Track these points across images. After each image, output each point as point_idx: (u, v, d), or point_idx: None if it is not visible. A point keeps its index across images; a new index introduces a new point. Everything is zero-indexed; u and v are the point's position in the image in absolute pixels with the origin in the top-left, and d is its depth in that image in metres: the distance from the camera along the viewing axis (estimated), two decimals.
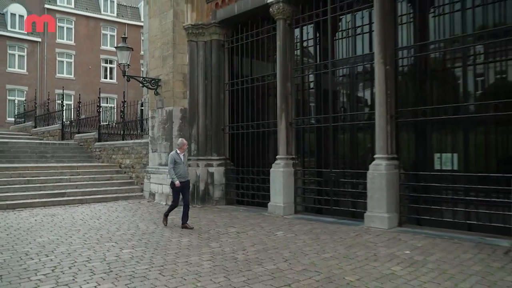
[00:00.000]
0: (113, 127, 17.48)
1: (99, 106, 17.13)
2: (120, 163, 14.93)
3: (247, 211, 10.42)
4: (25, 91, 31.29)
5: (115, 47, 12.40)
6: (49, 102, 21.60)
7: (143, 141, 14.06)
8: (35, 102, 22.97)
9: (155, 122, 12.42)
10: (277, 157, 10.03)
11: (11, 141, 16.43)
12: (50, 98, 22.54)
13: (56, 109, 21.39)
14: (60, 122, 19.80)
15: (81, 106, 18.56)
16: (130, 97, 22.38)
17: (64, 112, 20.26)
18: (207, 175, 11.71)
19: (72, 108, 22.59)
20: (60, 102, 20.47)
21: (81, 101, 18.71)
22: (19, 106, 28.98)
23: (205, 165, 11.75)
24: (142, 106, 16.67)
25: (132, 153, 14.41)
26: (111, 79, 35.05)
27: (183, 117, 11.88)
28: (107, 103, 31.28)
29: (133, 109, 16.17)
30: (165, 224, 8.53)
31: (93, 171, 14.20)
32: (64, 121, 19.67)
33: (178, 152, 8.48)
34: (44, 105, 22.08)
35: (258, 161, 10.97)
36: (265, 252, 6.33)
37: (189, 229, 8.09)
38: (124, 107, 15.75)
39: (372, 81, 8.63)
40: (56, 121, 20.59)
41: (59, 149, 16.60)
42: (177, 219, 9.37)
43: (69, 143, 17.66)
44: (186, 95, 11.94)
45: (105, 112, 19.43)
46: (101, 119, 17.30)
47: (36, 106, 22.79)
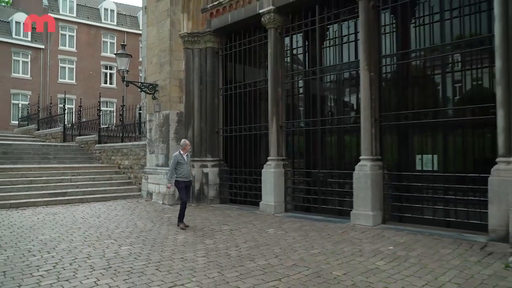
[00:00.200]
0: (113, 129, 17.37)
1: (99, 109, 17.01)
2: (119, 164, 14.82)
3: (240, 210, 10.39)
4: (28, 96, 31.00)
5: (115, 54, 12.33)
6: (52, 106, 21.42)
7: (141, 143, 13.98)
8: (38, 106, 22.81)
9: (152, 125, 12.35)
10: (268, 158, 10.02)
11: (15, 143, 16.24)
12: (52, 102, 22.37)
13: (58, 112, 21.23)
14: (62, 125, 19.63)
15: (82, 109, 18.43)
16: (129, 101, 22.22)
17: (65, 115, 20.12)
18: (202, 175, 11.68)
19: (73, 111, 22.40)
20: (62, 106, 20.32)
21: (82, 105, 18.60)
22: (22, 109, 28.71)
23: (200, 165, 11.71)
24: (140, 110, 16.58)
25: (130, 154, 14.32)
26: (111, 84, 34.86)
27: (179, 120, 11.84)
28: (107, 107, 31.13)
29: (132, 113, 16.09)
30: (184, 226, 7.92)
31: (93, 171, 14.08)
32: (65, 124, 19.50)
33: (181, 152, 8.35)
34: (46, 108, 21.90)
35: (250, 162, 10.95)
36: (257, 248, 6.31)
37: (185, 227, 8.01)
38: (123, 111, 15.64)
39: (357, 87, 8.66)
40: (58, 124, 20.42)
41: (60, 150, 16.43)
42: (173, 217, 9.33)
43: (71, 145, 17.50)
44: (182, 99, 11.90)
45: (105, 115, 19.33)
46: (101, 122, 17.20)
47: (39, 109, 22.60)
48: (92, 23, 34.02)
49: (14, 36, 30.90)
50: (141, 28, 25.76)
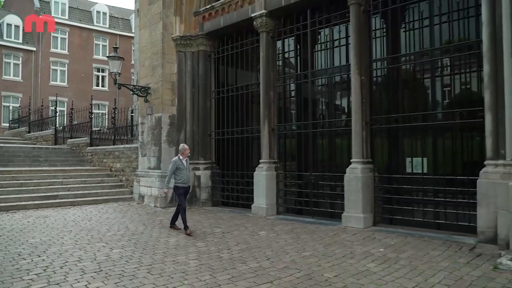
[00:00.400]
0: (105, 132, 17.26)
1: (91, 112, 16.89)
2: (111, 167, 14.71)
3: (232, 212, 10.37)
4: (19, 98, 30.71)
5: (107, 57, 12.27)
6: (43, 108, 21.21)
7: (133, 146, 13.90)
8: (29, 108, 22.56)
9: (144, 128, 12.29)
10: (260, 161, 10.02)
11: (5, 146, 16.03)
12: (43, 104, 22.15)
13: (49, 115, 21.04)
14: (53, 127, 19.43)
15: (73, 112, 18.28)
16: (121, 104, 22.08)
17: (57, 118, 19.94)
18: (194, 178, 11.62)
19: (65, 114, 22.25)
20: (53, 108, 20.13)
21: (73, 108, 18.44)
22: (13, 112, 28.40)
23: (192, 168, 11.61)
24: (132, 112, 16.55)
25: (122, 157, 14.22)
26: (103, 86, 34.67)
27: (172, 123, 11.79)
28: (99, 110, 30.97)
29: (124, 116, 16.02)
30: (190, 233, 7.55)
31: (84, 174, 13.96)
32: (57, 127, 19.32)
33: (180, 157, 8.06)
34: (38, 111, 21.68)
35: (242, 165, 10.94)
36: (249, 251, 6.30)
37: (177, 230, 7.99)
38: (115, 114, 15.57)
39: (348, 90, 8.70)
40: (49, 127, 20.22)
41: (52, 153, 16.26)
42: (165, 220, 9.28)
43: (62, 147, 17.33)
44: (174, 102, 11.86)
45: (96, 118, 19.22)
46: (93, 124, 17.07)
47: (30, 112, 22.36)
48: (84, 25, 33.83)
49: (5, 38, 30.64)
50: (133, 31, 25.68)
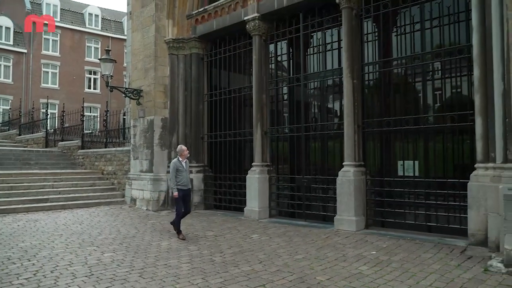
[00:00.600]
0: (96, 135, 17.15)
1: (83, 115, 16.76)
2: (102, 170, 14.60)
3: (225, 215, 10.34)
4: (10, 100, 30.39)
5: (99, 59, 12.19)
6: (34, 110, 21.04)
7: (125, 149, 13.81)
8: (20, 110, 22.38)
9: (136, 130, 12.23)
10: (253, 164, 10.02)
11: None
12: (34, 107, 21.97)
13: (40, 117, 20.85)
14: (44, 130, 19.26)
15: (65, 115, 18.14)
16: (113, 107, 21.98)
17: (48, 120, 19.77)
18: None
19: (56, 116, 22.06)
20: (44, 111, 19.97)
21: (65, 110, 18.30)
22: (4, 114, 28.08)
23: None
24: (124, 115, 16.44)
25: (114, 160, 14.13)
26: (95, 89, 34.46)
27: (164, 126, 11.75)
28: (90, 112, 30.76)
29: (116, 118, 15.90)
30: (183, 237, 7.48)
31: (76, 177, 13.83)
32: (48, 129, 19.14)
33: (180, 159, 7.77)
34: (28, 113, 21.52)
35: (235, 168, 10.93)
36: (241, 254, 6.28)
37: (173, 232, 7.77)
38: (107, 116, 15.46)
39: (341, 94, 8.75)
40: (40, 129, 20.04)
41: (42, 156, 16.10)
42: (157, 223, 9.23)
43: (53, 150, 17.16)
44: (167, 105, 11.82)
45: (88, 120, 19.06)
46: (84, 127, 16.93)
47: (20, 114, 22.17)
48: (76, 27, 33.63)
49: None
50: (125, 33, 25.52)
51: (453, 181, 7.08)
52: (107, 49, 11.99)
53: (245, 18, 10.13)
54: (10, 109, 27.54)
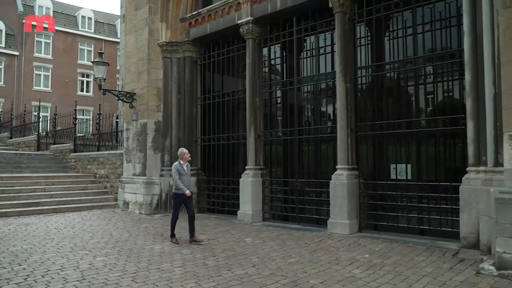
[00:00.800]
0: (89, 138, 17.04)
1: (75, 118, 16.66)
2: (95, 173, 14.51)
3: (218, 219, 10.31)
4: (1, 103, 30.14)
5: (92, 62, 12.14)
6: (26, 113, 20.86)
7: (118, 152, 13.74)
8: (12, 113, 22.19)
9: (129, 134, 12.18)
10: (246, 167, 10.01)
11: None
12: (26, 109, 21.80)
13: (32, 120, 20.69)
14: (36, 133, 19.11)
15: (57, 118, 18.01)
16: (106, 110, 21.87)
17: (40, 123, 19.63)
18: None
19: (48, 119, 21.90)
20: (36, 113, 19.82)
21: (57, 113, 18.18)
22: None
23: None
24: (117, 118, 16.36)
25: (107, 163, 14.04)
26: (87, 92, 34.28)
27: (157, 129, 11.71)
28: (83, 115, 30.59)
29: (109, 121, 15.84)
30: (177, 242, 7.40)
31: (68, 181, 13.72)
32: (40, 132, 18.99)
33: (181, 162, 7.62)
34: (20, 116, 21.33)
35: (228, 171, 10.91)
36: (235, 258, 6.26)
37: (197, 242, 7.32)
38: (99, 119, 15.39)
39: (334, 97, 8.78)
40: (32, 132, 19.88)
41: (34, 159, 15.96)
42: (150, 227, 9.18)
43: (45, 153, 17.02)
44: (160, 108, 11.79)
45: (81, 123, 18.96)
46: (77, 130, 16.83)
47: (12, 117, 21.98)
48: (69, 30, 33.45)
49: None
50: (119, 36, 25.45)
51: (445, 184, 7.13)
52: (100, 51, 11.93)
53: (239, 21, 10.15)
54: (1, 112, 27.27)
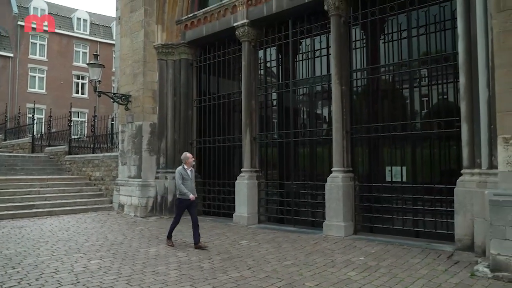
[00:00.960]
0: (84, 140, 16.95)
1: (70, 120, 16.57)
2: (90, 175, 14.43)
3: (214, 221, 10.29)
4: None
5: (87, 64, 12.11)
6: (20, 115, 20.73)
7: (113, 154, 13.68)
8: (6, 115, 22.04)
9: (125, 136, 12.13)
10: (242, 169, 10.00)
11: None
12: (21, 111, 21.66)
13: (26, 122, 20.56)
14: (30, 135, 18.97)
15: (52, 120, 17.91)
16: (101, 112, 21.79)
17: (35, 125, 19.50)
18: (175, 187, 11.47)
19: (43, 121, 21.78)
20: (31, 115, 19.70)
21: (52, 115, 18.07)
22: None
23: (173, 177, 11.48)
24: (112, 120, 16.28)
25: (102, 166, 13.97)
26: (82, 94, 34.12)
27: (153, 131, 11.68)
28: (78, 117, 30.44)
29: (104, 124, 15.78)
30: (172, 244, 7.32)
31: (62, 183, 13.64)
32: (34, 135, 18.86)
33: (185, 167, 7.46)
34: (14, 118, 21.19)
35: (224, 174, 10.89)
36: (230, 260, 6.25)
37: (203, 249, 7.00)
38: (95, 122, 15.33)
39: (329, 100, 8.79)
40: (26, 135, 19.73)
41: (28, 162, 15.86)
42: (145, 229, 9.14)
43: (39, 156, 16.91)
44: (155, 110, 11.76)
45: (76, 126, 18.86)
46: (72, 132, 16.74)
47: (6, 119, 21.83)
48: (64, 32, 33.30)
49: None
50: (114, 38, 25.38)
51: (440, 187, 7.16)
52: (95, 53, 11.91)
53: (235, 24, 10.16)
54: None
